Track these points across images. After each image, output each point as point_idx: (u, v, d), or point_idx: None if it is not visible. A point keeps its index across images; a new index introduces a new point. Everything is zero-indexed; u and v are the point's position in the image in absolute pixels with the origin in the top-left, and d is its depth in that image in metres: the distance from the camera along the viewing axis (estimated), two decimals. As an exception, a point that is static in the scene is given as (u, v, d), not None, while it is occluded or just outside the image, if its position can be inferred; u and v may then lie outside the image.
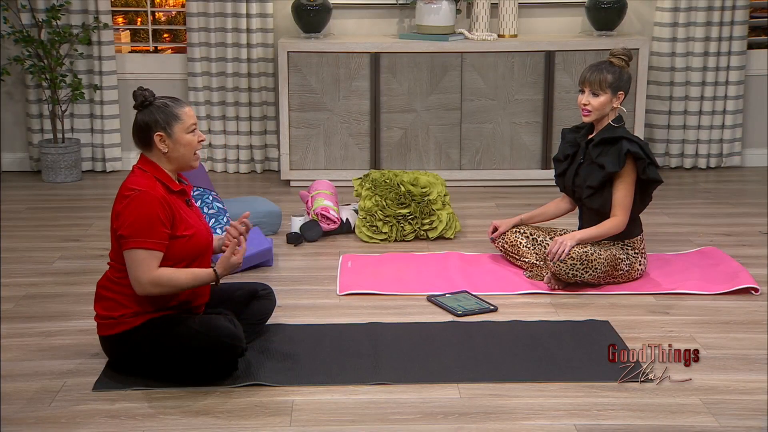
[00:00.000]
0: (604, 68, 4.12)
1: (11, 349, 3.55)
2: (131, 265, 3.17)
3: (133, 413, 3.07)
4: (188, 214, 3.32)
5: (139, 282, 3.17)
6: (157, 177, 3.26)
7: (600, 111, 4.13)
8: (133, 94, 3.28)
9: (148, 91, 3.26)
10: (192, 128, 3.29)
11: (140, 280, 3.16)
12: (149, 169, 3.27)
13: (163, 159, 3.29)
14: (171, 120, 3.25)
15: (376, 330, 3.70)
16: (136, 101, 3.26)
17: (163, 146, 3.26)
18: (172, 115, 3.26)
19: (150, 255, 3.17)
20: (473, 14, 5.90)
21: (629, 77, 4.17)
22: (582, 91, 4.15)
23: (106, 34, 6.00)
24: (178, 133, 3.26)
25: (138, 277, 3.16)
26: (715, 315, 3.88)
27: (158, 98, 3.29)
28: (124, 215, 3.18)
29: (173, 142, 3.26)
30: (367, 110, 5.77)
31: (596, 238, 4.11)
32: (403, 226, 4.79)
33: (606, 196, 4.12)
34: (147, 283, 3.16)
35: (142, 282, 3.16)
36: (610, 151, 4.10)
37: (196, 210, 3.43)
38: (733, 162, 6.33)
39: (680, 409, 3.11)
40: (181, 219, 3.25)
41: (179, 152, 3.28)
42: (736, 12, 6.05)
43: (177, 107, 3.28)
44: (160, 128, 3.24)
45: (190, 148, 3.30)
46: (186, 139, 3.28)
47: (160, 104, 3.26)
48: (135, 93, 3.27)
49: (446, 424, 3.01)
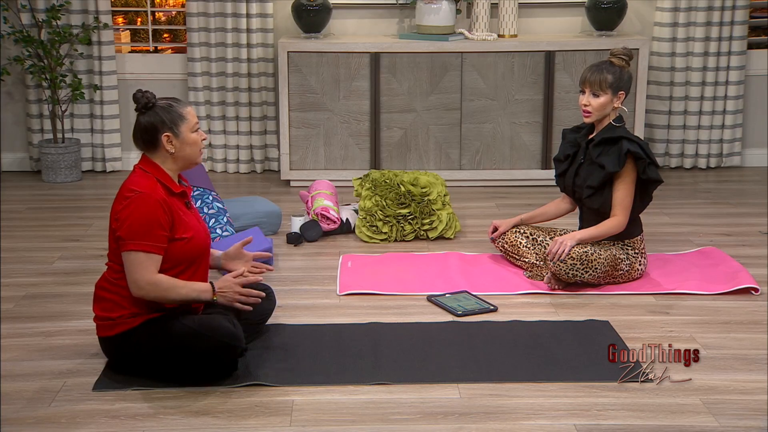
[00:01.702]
0: (604, 68, 4.12)
1: (11, 349, 3.55)
2: (129, 267, 3.17)
3: (133, 413, 3.07)
4: (187, 216, 3.32)
5: (137, 284, 3.16)
6: (159, 178, 3.26)
7: (601, 111, 4.13)
8: (134, 98, 3.26)
9: (150, 93, 3.26)
10: (196, 127, 3.31)
11: (138, 282, 3.16)
12: (151, 170, 3.27)
13: (169, 159, 3.29)
14: (177, 120, 3.26)
15: (376, 330, 3.70)
16: (139, 104, 3.25)
17: (171, 147, 3.26)
18: (178, 115, 3.26)
19: (148, 258, 3.17)
20: (473, 14, 5.90)
21: (630, 77, 4.16)
22: (582, 91, 4.15)
23: (106, 34, 6.00)
24: (185, 132, 3.27)
25: (136, 279, 3.16)
26: (715, 315, 3.88)
27: (160, 99, 3.29)
28: (124, 216, 3.18)
29: (180, 142, 3.27)
30: (367, 110, 5.77)
31: (596, 238, 4.11)
32: (403, 226, 4.79)
33: (606, 196, 4.12)
34: (145, 285, 3.16)
35: (140, 284, 3.16)
36: (610, 151, 4.10)
37: (195, 212, 3.43)
38: (733, 162, 6.33)
39: (680, 409, 3.11)
40: (180, 221, 3.25)
41: (186, 152, 3.29)
42: (736, 12, 6.05)
43: (181, 107, 3.28)
44: (167, 129, 3.24)
45: (196, 146, 3.31)
46: (192, 138, 3.29)
47: (164, 105, 3.26)
48: (136, 96, 3.26)
49: (446, 424, 3.02)
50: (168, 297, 3.20)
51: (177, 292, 3.21)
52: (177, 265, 3.26)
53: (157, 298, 3.20)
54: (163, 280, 3.19)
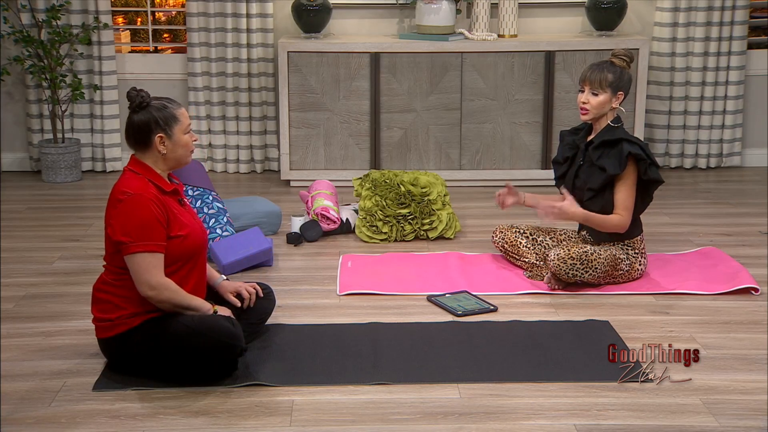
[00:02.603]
0: (605, 67, 4.12)
1: (11, 349, 3.55)
2: (136, 270, 3.16)
3: (133, 413, 3.07)
4: (182, 213, 3.32)
5: (148, 284, 3.16)
6: (149, 179, 3.25)
7: (598, 110, 4.13)
8: (128, 96, 3.25)
9: (144, 92, 3.26)
10: (189, 129, 3.30)
11: (150, 282, 3.15)
12: (141, 171, 3.27)
13: (160, 160, 3.28)
14: (171, 121, 3.25)
15: (376, 330, 3.70)
16: (134, 102, 3.24)
17: (163, 147, 3.25)
18: (171, 116, 3.25)
19: (153, 257, 3.17)
20: (473, 14, 5.89)
21: (630, 78, 4.16)
22: (582, 89, 4.15)
23: (106, 34, 6.00)
24: (178, 134, 3.26)
25: (147, 280, 3.15)
26: (715, 315, 3.88)
27: (154, 99, 3.28)
28: (120, 220, 3.17)
29: (173, 143, 3.26)
30: (367, 110, 5.77)
31: (596, 225, 4.10)
32: (403, 226, 4.79)
33: (607, 198, 4.11)
34: (157, 285, 3.16)
35: (151, 284, 3.15)
36: (610, 153, 4.09)
37: (189, 209, 3.42)
38: (733, 162, 6.33)
39: (680, 409, 3.11)
40: (175, 219, 3.25)
41: (177, 153, 3.28)
42: (736, 12, 6.05)
43: (175, 108, 3.27)
44: (161, 130, 3.24)
45: (187, 148, 3.31)
46: (184, 140, 3.28)
47: (158, 105, 3.25)
48: (130, 94, 3.25)
49: (446, 424, 3.01)
50: (175, 299, 3.20)
51: (183, 295, 3.22)
52: (174, 262, 3.25)
53: (168, 299, 3.19)
54: (171, 283, 3.19)
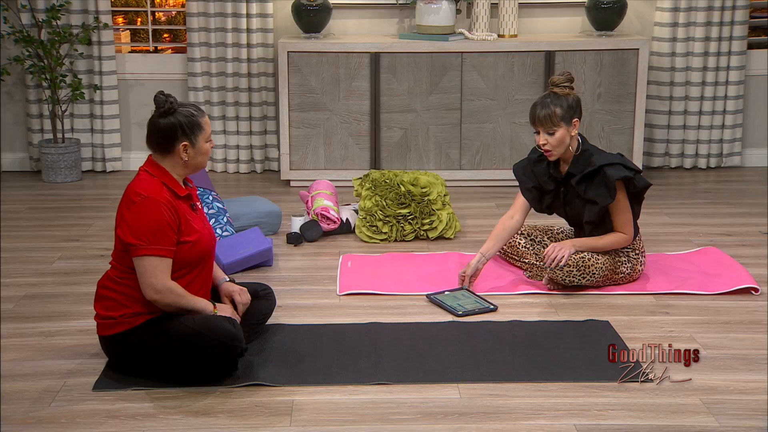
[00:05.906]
0: (549, 103, 3.99)
1: (11, 349, 3.55)
2: (143, 272, 3.16)
3: (133, 413, 3.07)
4: (194, 219, 3.32)
5: (154, 288, 3.16)
6: (165, 182, 3.25)
7: (561, 146, 4.02)
8: (156, 100, 3.24)
9: (172, 97, 3.24)
10: (210, 137, 3.31)
11: (155, 286, 3.16)
12: (157, 174, 3.27)
13: (179, 165, 3.28)
14: (196, 130, 3.25)
15: (376, 330, 3.70)
16: (162, 107, 3.23)
17: (185, 155, 3.26)
18: (197, 125, 3.26)
19: (161, 261, 3.17)
20: (473, 14, 5.90)
21: (577, 101, 4.03)
22: (537, 131, 4.06)
23: (106, 34, 6.00)
24: (201, 142, 3.28)
25: (153, 283, 3.16)
26: (715, 315, 3.88)
27: (181, 105, 3.28)
28: (132, 223, 3.17)
29: (195, 151, 3.27)
30: (367, 110, 5.77)
31: (598, 250, 4.07)
32: (403, 226, 4.79)
33: (606, 221, 4.09)
34: (162, 289, 3.16)
35: (157, 287, 3.16)
36: (595, 182, 4.00)
37: (201, 214, 3.42)
38: (733, 162, 6.33)
39: (680, 409, 3.11)
40: (186, 224, 3.25)
41: (197, 160, 3.30)
42: (736, 12, 6.05)
43: (200, 117, 3.27)
44: (186, 138, 3.24)
45: (207, 156, 3.33)
46: (205, 148, 3.30)
47: (186, 113, 3.25)
48: (158, 99, 3.23)
49: (446, 424, 3.02)
50: (179, 302, 3.21)
51: (187, 299, 3.22)
52: (182, 267, 3.26)
53: (173, 302, 3.20)
54: (177, 286, 3.20)
